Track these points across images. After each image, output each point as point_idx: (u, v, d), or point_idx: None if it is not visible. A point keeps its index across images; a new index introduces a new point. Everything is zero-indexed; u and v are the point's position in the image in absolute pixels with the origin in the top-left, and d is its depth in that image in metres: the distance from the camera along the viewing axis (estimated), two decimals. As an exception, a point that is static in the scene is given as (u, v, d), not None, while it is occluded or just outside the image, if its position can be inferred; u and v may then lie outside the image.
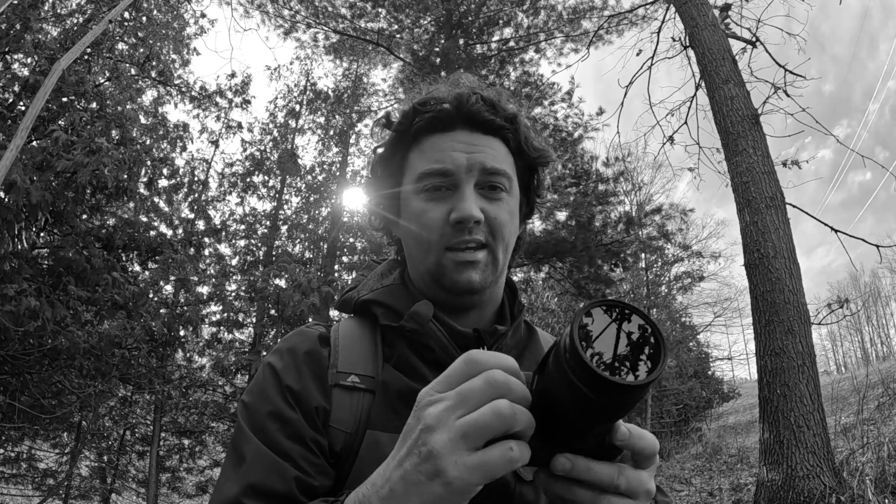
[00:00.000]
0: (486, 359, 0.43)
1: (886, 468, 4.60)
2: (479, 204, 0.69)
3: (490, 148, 0.72)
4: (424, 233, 0.71)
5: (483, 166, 0.70)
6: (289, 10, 9.79)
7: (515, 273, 10.94)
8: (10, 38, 6.24)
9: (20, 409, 5.64)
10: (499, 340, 0.74)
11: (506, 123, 0.73)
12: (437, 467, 0.40)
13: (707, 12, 5.87)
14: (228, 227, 10.38)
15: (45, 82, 4.25)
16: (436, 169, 0.70)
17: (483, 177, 0.70)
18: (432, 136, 0.72)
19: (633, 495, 0.45)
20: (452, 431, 0.40)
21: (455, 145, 0.70)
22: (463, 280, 0.69)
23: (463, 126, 0.72)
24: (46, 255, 6.12)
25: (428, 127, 0.72)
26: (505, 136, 0.74)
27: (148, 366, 6.95)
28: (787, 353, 4.42)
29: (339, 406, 0.66)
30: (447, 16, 9.30)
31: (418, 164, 0.72)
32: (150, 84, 8.74)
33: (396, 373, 0.68)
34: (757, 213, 4.89)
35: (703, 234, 18.18)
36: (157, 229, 7.65)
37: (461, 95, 0.72)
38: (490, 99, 0.73)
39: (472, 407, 0.41)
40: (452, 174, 0.70)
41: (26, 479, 7.09)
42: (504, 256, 0.73)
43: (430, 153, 0.71)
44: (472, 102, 0.71)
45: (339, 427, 0.65)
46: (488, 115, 0.72)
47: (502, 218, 0.71)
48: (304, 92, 12.29)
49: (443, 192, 0.70)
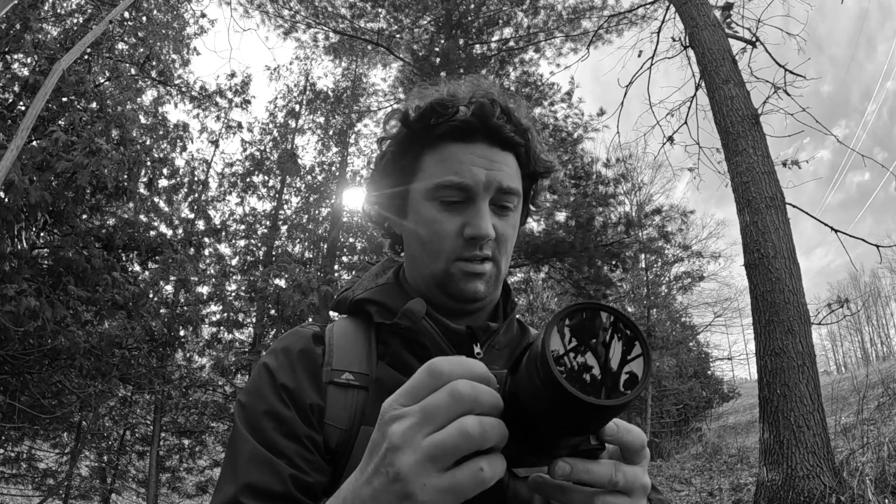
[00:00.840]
0: (451, 368, 0.42)
1: (886, 468, 4.60)
2: (492, 221, 0.71)
3: (506, 165, 0.73)
4: (435, 241, 0.71)
5: (500, 185, 0.71)
6: (289, 10, 9.79)
7: (515, 273, 10.95)
8: (10, 38, 6.24)
9: (20, 409, 5.64)
10: (491, 338, 0.75)
11: (520, 139, 0.74)
12: (406, 490, 0.39)
13: (707, 12, 5.87)
14: (228, 227, 10.39)
15: (45, 82, 4.25)
16: (455, 182, 0.70)
17: (498, 195, 0.71)
18: (452, 144, 0.71)
19: (630, 492, 0.45)
20: (419, 453, 0.39)
21: (475, 160, 0.70)
22: (469, 290, 0.71)
23: (483, 139, 0.71)
24: (46, 255, 6.12)
25: (448, 133, 0.71)
26: (518, 151, 0.75)
27: (148, 366, 6.95)
28: (787, 353, 4.42)
29: (333, 403, 0.66)
30: (447, 16, 9.30)
31: (435, 171, 0.72)
32: (150, 84, 8.75)
33: (390, 370, 0.69)
34: (757, 213, 4.89)
35: (702, 235, 18.18)
36: (157, 229, 7.65)
37: (485, 107, 0.71)
38: (508, 110, 0.73)
39: (437, 425, 0.39)
40: (470, 189, 0.70)
41: (26, 479, 7.09)
42: (506, 267, 0.75)
43: (450, 163, 0.71)
44: (497, 116, 0.71)
45: (334, 424, 0.66)
46: (509, 131, 0.72)
47: (508, 234, 0.73)
48: (304, 92, 12.30)
49: (458, 205, 0.71)
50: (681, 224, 11.90)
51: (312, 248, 11.44)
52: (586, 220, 8.41)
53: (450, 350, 0.71)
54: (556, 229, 8.67)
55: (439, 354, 0.67)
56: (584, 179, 9.09)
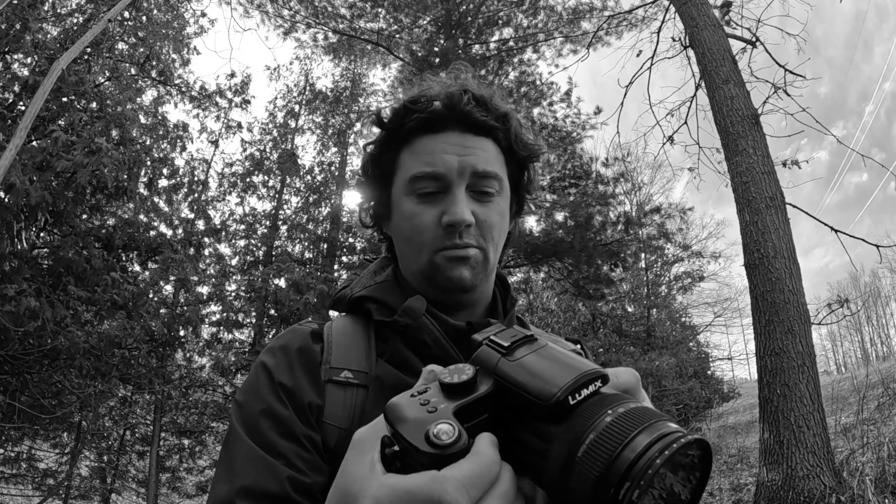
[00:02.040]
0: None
1: (886, 468, 4.60)
2: (471, 207, 0.70)
3: (481, 150, 0.72)
4: (416, 235, 0.71)
5: (474, 169, 0.70)
6: (288, 10, 9.79)
7: (515, 273, 10.96)
8: (9, 38, 6.24)
9: (20, 409, 5.64)
10: None
11: (497, 123, 0.73)
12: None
13: (707, 12, 5.87)
14: (228, 227, 10.39)
15: (44, 82, 4.25)
16: (427, 172, 0.70)
17: (474, 180, 0.70)
18: (424, 136, 0.72)
19: None
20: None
21: (447, 147, 0.70)
22: (455, 276, 0.70)
23: (454, 127, 0.71)
24: (46, 256, 6.12)
25: (419, 127, 0.72)
26: (496, 135, 0.74)
27: (148, 366, 6.95)
28: (787, 353, 4.42)
29: (332, 402, 0.65)
30: (446, 16, 9.30)
31: (410, 165, 0.72)
32: (150, 84, 8.74)
33: (390, 367, 0.68)
34: (757, 213, 4.89)
35: (702, 235, 18.20)
36: (156, 229, 7.65)
37: (453, 95, 0.71)
38: (482, 98, 0.73)
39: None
40: (444, 177, 0.70)
41: (26, 479, 7.09)
42: (494, 256, 0.74)
43: (422, 155, 0.71)
44: (465, 103, 0.71)
45: (332, 423, 0.64)
46: (480, 115, 0.71)
47: (492, 220, 0.72)
48: (304, 92, 12.30)
49: (435, 196, 0.71)
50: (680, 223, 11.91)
51: (312, 248, 11.43)
52: (585, 219, 8.40)
53: (451, 347, 0.69)
54: (555, 229, 8.66)
55: (440, 351, 0.68)
56: (583, 179, 9.09)
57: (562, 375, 0.37)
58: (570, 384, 0.36)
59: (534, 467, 0.37)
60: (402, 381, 0.65)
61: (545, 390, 0.36)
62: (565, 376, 0.37)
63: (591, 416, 0.35)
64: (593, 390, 0.37)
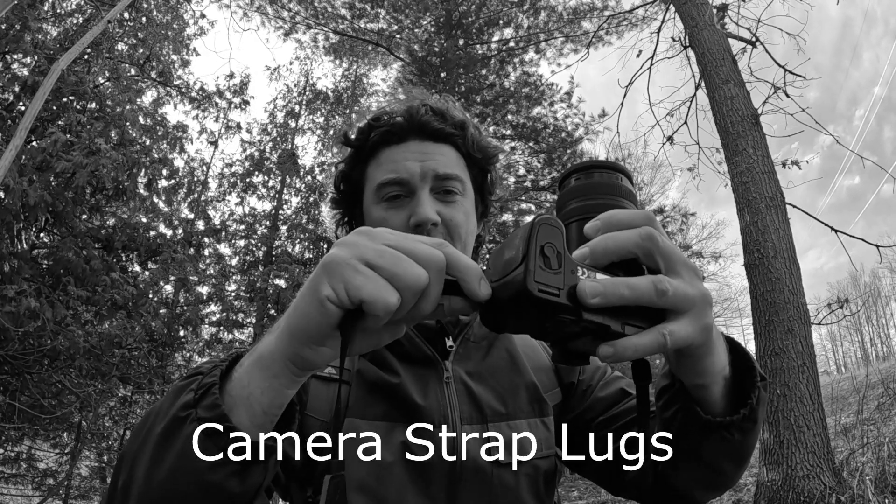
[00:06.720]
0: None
1: (886, 468, 4.60)
2: (436, 207, 0.74)
3: (441, 154, 0.77)
4: None
5: (436, 172, 0.75)
6: (288, 12, 9.80)
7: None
8: (9, 38, 6.24)
9: (20, 409, 5.64)
10: (464, 330, 0.78)
11: (455, 130, 0.79)
12: (326, 260, 0.41)
13: (707, 12, 5.87)
14: (228, 227, 10.39)
15: (44, 82, 4.25)
16: (392, 178, 0.75)
17: (437, 182, 0.75)
18: (387, 148, 0.78)
19: (686, 301, 0.40)
20: (348, 248, 0.40)
21: (408, 155, 0.76)
22: None
23: (415, 136, 0.77)
24: (46, 256, 6.12)
25: (383, 140, 0.78)
26: (455, 141, 0.79)
27: (148, 366, 6.95)
28: (787, 353, 4.41)
29: (315, 396, 0.69)
30: (447, 16, 9.30)
31: (376, 175, 0.77)
32: (149, 84, 8.74)
33: (370, 364, 0.72)
34: (757, 213, 4.88)
35: (702, 235, 18.17)
36: (156, 230, 7.65)
37: (411, 108, 0.77)
38: (439, 109, 0.79)
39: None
40: (408, 182, 0.74)
41: (26, 479, 7.09)
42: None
43: (387, 164, 0.76)
44: (422, 114, 0.77)
45: (314, 415, 0.68)
46: (438, 124, 0.77)
47: (458, 219, 0.76)
48: (304, 92, 12.31)
49: (401, 200, 0.75)
50: (681, 224, 11.90)
51: (312, 248, 11.43)
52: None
53: (424, 345, 0.74)
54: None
55: (413, 349, 0.73)
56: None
57: None
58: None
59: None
60: (381, 378, 0.70)
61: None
62: None
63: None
64: None
